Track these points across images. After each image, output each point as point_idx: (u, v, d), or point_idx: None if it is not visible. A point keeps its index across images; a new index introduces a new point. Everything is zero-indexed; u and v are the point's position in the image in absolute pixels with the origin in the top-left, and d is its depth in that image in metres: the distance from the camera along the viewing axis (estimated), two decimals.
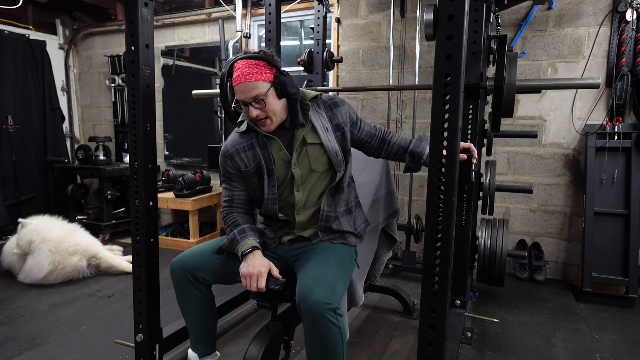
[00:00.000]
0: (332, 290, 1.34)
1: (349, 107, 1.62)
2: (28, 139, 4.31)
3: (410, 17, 3.32)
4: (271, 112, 1.47)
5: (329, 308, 1.29)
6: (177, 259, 1.60)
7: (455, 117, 1.05)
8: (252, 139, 1.56)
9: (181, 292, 1.60)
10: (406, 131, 3.42)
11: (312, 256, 1.52)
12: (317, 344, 1.35)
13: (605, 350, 2.18)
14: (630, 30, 2.79)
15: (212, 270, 1.58)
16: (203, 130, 4.25)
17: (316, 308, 1.28)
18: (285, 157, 1.54)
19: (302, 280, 1.38)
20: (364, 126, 1.64)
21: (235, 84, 1.47)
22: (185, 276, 1.56)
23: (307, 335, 1.36)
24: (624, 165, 2.83)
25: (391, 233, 1.90)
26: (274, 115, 1.48)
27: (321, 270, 1.41)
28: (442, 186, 1.08)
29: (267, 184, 1.54)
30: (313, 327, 1.32)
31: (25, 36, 4.31)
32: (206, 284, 1.60)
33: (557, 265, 3.19)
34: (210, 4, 4.10)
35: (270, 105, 1.45)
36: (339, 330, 1.32)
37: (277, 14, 2.40)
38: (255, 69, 1.44)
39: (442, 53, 1.04)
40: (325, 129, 1.54)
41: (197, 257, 1.58)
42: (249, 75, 1.43)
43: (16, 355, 2.05)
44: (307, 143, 1.53)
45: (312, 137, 1.53)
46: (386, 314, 2.54)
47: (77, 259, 2.94)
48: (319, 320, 1.29)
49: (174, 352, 1.92)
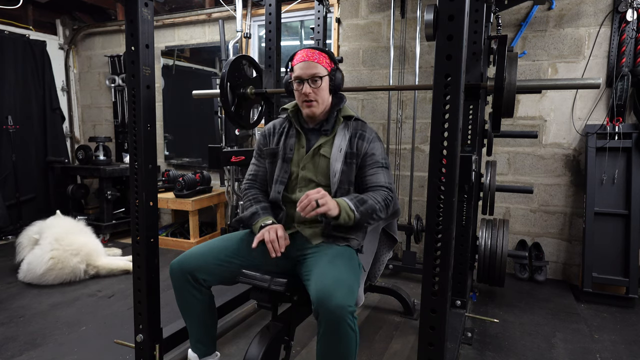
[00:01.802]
0: (351, 293, 1.33)
1: (376, 147, 1.62)
2: (28, 139, 4.31)
3: (410, 17, 3.32)
4: (320, 96, 1.59)
5: (350, 311, 1.28)
6: (176, 260, 1.59)
7: (455, 117, 1.05)
8: (286, 127, 1.72)
9: (181, 294, 1.60)
10: (406, 131, 3.42)
11: (322, 258, 1.49)
12: (332, 348, 1.33)
13: (605, 350, 2.18)
14: (630, 30, 2.79)
15: (213, 270, 1.57)
16: (203, 130, 4.25)
17: (339, 312, 1.26)
18: (302, 155, 1.65)
19: (319, 283, 1.34)
20: (367, 172, 1.61)
21: (298, 62, 1.59)
22: (184, 277, 1.56)
23: (321, 338, 1.33)
24: (624, 165, 2.83)
25: (391, 233, 1.89)
26: (321, 101, 1.60)
27: (337, 272, 1.39)
28: (442, 186, 1.08)
29: (279, 167, 1.65)
30: (331, 331, 1.29)
31: (25, 36, 4.31)
32: (206, 285, 1.60)
33: (557, 265, 3.19)
34: (210, 4, 4.10)
35: (321, 90, 1.58)
36: (354, 335, 1.31)
37: (277, 14, 2.40)
38: (319, 56, 1.59)
39: (442, 53, 1.04)
40: (340, 148, 1.60)
41: (197, 258, 1.58)
42: (313, 57, 1.57)
43: (16, 355, 2.05)
44: (319, 153, 1.63)
45: (325, 150, 1.63)
46: (386, 314, 2.54)
47: (77, 260, 2.94)
48: (340, 324, 1.27)
49: (174, 352, 1.92)
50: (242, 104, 2.27)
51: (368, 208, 1.51)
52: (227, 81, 2.13)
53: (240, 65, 2.21)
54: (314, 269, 1.46)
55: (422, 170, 3.39)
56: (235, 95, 2.20)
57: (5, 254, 3.62)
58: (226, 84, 2.12)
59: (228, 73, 2.11)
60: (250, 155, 2.33)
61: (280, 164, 1.66)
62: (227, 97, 2.15)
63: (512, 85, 1.62)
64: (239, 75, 2.21)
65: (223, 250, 1.62)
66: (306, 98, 1.59)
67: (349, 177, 1.62)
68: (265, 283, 1.48)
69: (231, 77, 2.15)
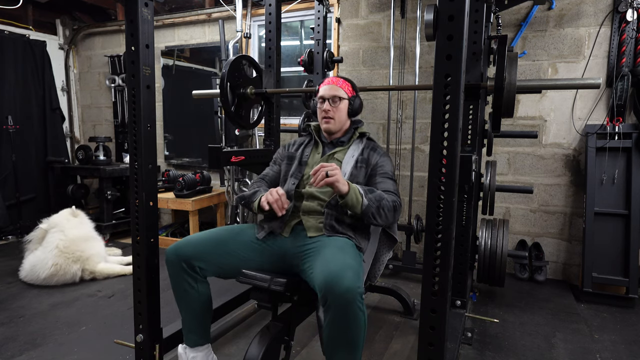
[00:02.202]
0: (358, 275, 1.35)
1: (386, 162, 1.79)
2: (28, 139, 4.31)
3: (410, 17, 3.32)
4: (337, 115, 1.79)
5: (359, 292, 1.29)
6: (172, 246, 1.60)
7: (455, 117, 1.05)
8: (306, 140, 1.94)
9: (175, 281, 1.60)
10: (406, 131, 3.42)
11: (324, 250, 1.51)
12: (342, 332, 1.32)
13: (605, 350, 2.18)
14: (630, 30, 2.79)
15: (210, 260, 1.58)
16: (203, 130, 4.25)
17: (349, 295, 1.27)
18: (316, 159, 1.82)
19: (325, 269, 1.35)
20: (377, 180, 1.74)
21: (324, 85, 1.83)
22: (179, 265, 1.57)
23: (330, 324, 1.32)
24: (624, 165, 2.83)
25: (391, 233, 1.89)
26: (338, 119, 1.80)
27: (342, 257, 1.41)
28: (442, 186, 1.08)
29: (295, 166, 1.82)
30: (341, 315, 1.29)
31: (25, 36, 4.31)
32: (202, 275, 1.60)
33: (557, 265, 3.19)
34: (210, 4, 4.10)
35: (339, 110, 1.80)
36: (364, 316, 1.32)
37: (277, 14, 2.40)
38: (342, 82, 1.83)
39: (442, 53, 1.04)
40: (352, 155, 1.78)
41: (194, 246, 1.59)
42: (337, 82, 1.82)
43: (16, 355, 2.05)
44: (333, 157, 1.81)
45: (339, 155, 1.81)
46: (386, 314, 2.54)
47: (77, 267, 2.94)
48: (350, 307, 1.28)
49: (174, 352, 1.92)
50: (242, 104, 2.27)
51: (377, 196, 1.58)
52: (227, 81, 2.13)
53: (240, 65, 2.21)
54: (317, 260, 1.47)
55: (422, 170, 3.39)
56: (235, 95, 2.21)
57: (6, 254, 3.62)
58: (226, 84, 2.12)
59: (228, 73, 2.11)
60: (250, 155, 2.33)
61: (296, 164, 1.83)
62: (227, 97, 2.15)
63: (512, 85, 1.62)
64: (239, 75, 2.21)
65: (223, 241, 1.63)
66: (325, 115, 1.79)
67: (357, 179, 1.73)
68: (265, 283, 1.48)
69: (231, 77, 2.15)
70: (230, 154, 2.22)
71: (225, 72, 2.10)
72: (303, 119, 2.65)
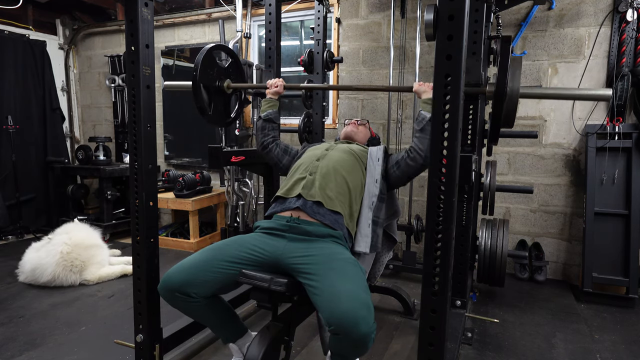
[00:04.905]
0: (370, 309, 1.31)
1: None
2: (28, 139, 4.31)
3: (410, 17, 3.32)
4: (360, 130, 2.11)
5: (374, 330, 1.30)
6: (162, 280, 1.52)
7: (455, 117, 1.05)
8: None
9: (180, 307, 1.55)
10: (406, 131, 3.42)
11: (328, 269, 1.43)
12: (350, 352, 1.37)
13: (606, 350, 2.17)
14: (630, 30, 2.79)
15: (206, 280, 1.50)
16: (203, 130, 4.25)
17: (366, 339, 1.27)
18: (333, 146, 1.94)
19: (336, 305, 1.29)
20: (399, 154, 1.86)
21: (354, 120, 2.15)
22: (174, 295, 1.50)
23: (338, 345, 1.35)
24: (624, 165, 2.83)
25: (391, 233, 1.89)
26: (360, 132, 2.11)
27: (350, 287, 1.34)
28: (442, 186, 1.08)
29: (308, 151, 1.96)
30: (352, 347, 1.32)
31: (25, 36, 4.31)
32: (199, 297, 1.51)
33: (557, 265, 3.19)
34: (210, 4, 4.10)
35: (363, 128, 2.13)
36: (372, 341, 1.32)
37: (277, 14, 2.40)
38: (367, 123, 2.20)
39: (442, 53, 1.04)
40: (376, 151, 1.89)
41: (184, 273, 1.49)
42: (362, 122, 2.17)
43: (16, 355, 2.05)
44: (350, 148, 1.90)
45: (354, 147, 1.93)
46: (386, 314, 2.54)
47: (75, 277, 2.93)
48: (364, 345, 1.30)
49: (174, 352, 1.92)
50: (219, 99, 2.14)
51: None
52: (200, 82, 1.99)
53: (212, 60, 2.07)
54: (320, 281, 1.39)
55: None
56: (211, 94, 2.07)
57: (6, 254, 3.62)
58: (199, 84, 1.98)
59: (200, 75, 1.98)
60: (250, 155, 2.33)
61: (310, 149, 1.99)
62: (204, 102, 2.01)
63: (514, 92, 1.47)
64: (212, 72, 2.07)
65: (208, 261, 1.53)
66: (352, 127, 2.09)
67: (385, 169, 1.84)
68: (265, 283, 1.47)
69: (204, 77, 2.02)
70: (230, 154, 2.22)
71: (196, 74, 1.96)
72: (303, 119, 2.65)
